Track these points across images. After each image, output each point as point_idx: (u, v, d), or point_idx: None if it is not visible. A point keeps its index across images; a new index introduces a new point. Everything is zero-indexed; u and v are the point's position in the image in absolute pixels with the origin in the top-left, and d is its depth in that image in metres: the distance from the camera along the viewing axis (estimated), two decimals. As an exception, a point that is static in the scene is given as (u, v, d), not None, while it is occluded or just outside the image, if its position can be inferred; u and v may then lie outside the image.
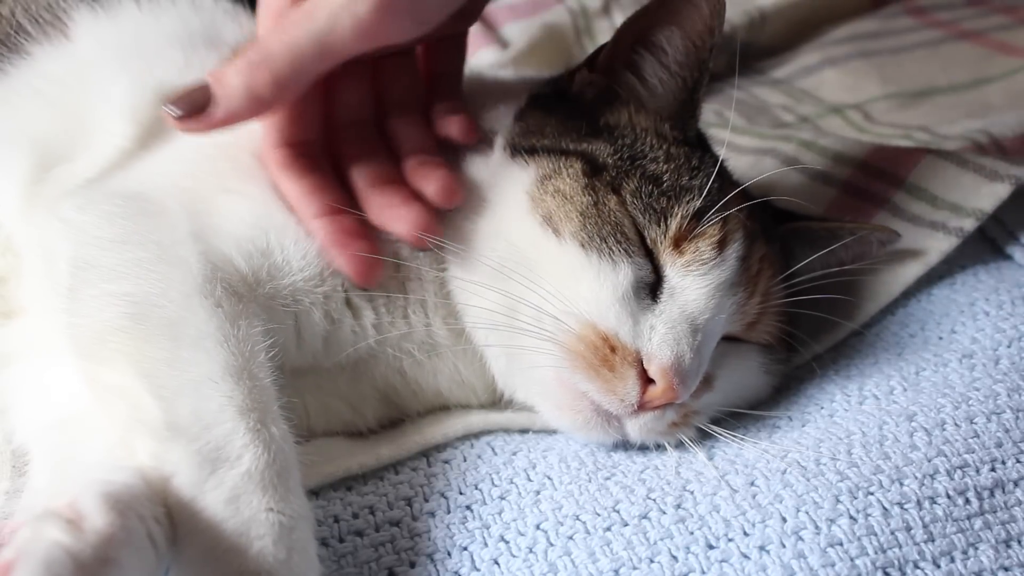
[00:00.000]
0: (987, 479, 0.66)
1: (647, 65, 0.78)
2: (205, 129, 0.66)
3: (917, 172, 0.93)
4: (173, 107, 0.65)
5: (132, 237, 0.69)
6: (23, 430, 0.73)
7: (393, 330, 0.76)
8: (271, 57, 0.65)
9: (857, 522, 0.62)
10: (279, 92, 0.66)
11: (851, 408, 0.74)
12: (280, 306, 0.71)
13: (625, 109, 0.79)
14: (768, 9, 1.51)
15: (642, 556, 0.62)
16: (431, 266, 0.76)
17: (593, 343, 0.69)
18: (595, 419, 0.71)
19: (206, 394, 0.60)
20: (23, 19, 0.83)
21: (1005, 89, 1.35)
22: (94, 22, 0.83)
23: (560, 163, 0.74)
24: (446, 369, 0.78)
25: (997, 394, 0.72)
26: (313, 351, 0.75)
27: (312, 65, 0.65)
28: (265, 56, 0.65)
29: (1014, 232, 0.91)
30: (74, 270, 0.67)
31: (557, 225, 0.72)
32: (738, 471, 0.68)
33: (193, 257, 0.67)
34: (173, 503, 0.57)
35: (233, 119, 0.66)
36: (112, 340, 0.63)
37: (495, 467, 0.72)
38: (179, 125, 0.66)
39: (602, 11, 1.56)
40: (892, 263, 0.88)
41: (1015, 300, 0.83)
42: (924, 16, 1.56)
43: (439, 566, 0.64)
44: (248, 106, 0.65)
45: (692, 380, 0.69)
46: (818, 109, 1.37)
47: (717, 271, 0.72)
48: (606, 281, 0.70)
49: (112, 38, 0.73)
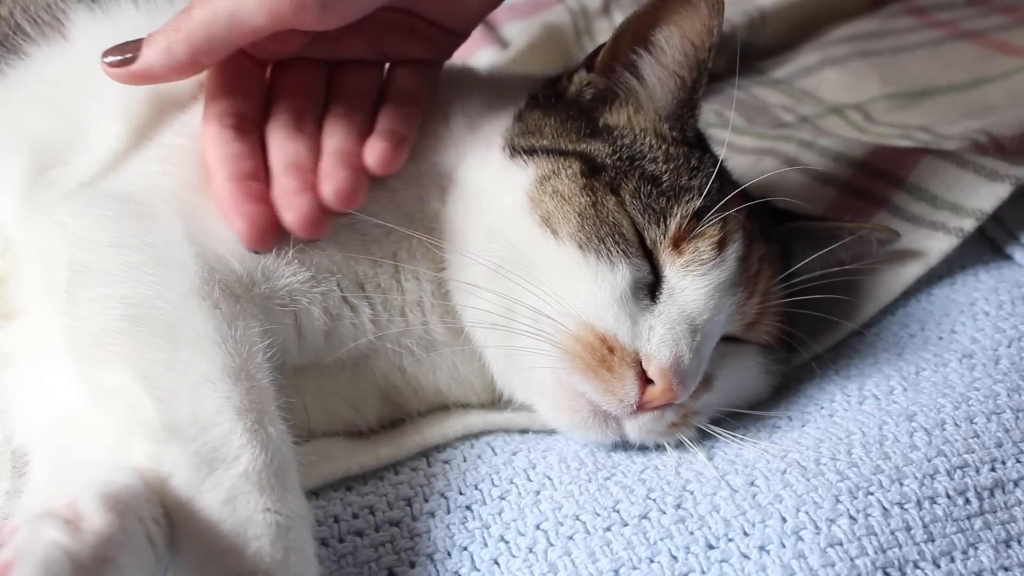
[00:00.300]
0: (987, 479, 0.66)
1: (646, 65, 0.78)
2: (128, 79, 0.72)
3: (917, 172, 0.93)
4: (109, 55, 0.72)
5: (127, 240, 0.69)
6: (23, 431, 0.73)
7: (391, 327, 0.76)
8: (189, 23, 0.70)
9: (857, 522, 0.62)
10: (192, 55, 0.71)
11: (851, 408, 0.74)
12: (278, 306, 0.71)
13: (624, 109, 0.79)
14: (768, 9, 1.51)
15: (642, 556, 0.62)
16: (428, 266, 0.76)
17: (591, 344, 0.69)
18: (593, 419, 0.71)
19: (203, 395, 0.60)
20: (22, 19, 0.83)
21: (1005, 89, 1.35)
22: (91, 22, 0.83)
23: (559, 164, 0.74)
24: (445, 366, 0.78)
25: (997, 394, 0.72)
26: (315, 347, 0.75)
27: (223, 35, 0.70)
28: (185, 20, 0.70)
29: (1014, 232, 0.91)
30: (71, 273, 0.67)
31: (555, 226, 0.71)
32: (738, 471, 0.68)
33: (189, 259, 0.67)
34: (171, 504, 0.57)
35: (149, 74, 0.72)
36: (109, 342, 0.63)
37: (495, 467, 0.72)
38: (107, 71, 0.72)
39: (602, 11, 1.56)
40: (892, 263, 0.88)
41: (1015, 300, 0.83)
42: (924, 16, 1.55)
43: (439, 566, 0.64)
44: (164, 63, 0.71)
45: (691, 380, 0.69)
46: (818, 109, 1.37)
47: (717, 271, 0.72)
48: (604, 282, 0.70)
49: (109, 38, 0.73)
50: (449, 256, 0.76)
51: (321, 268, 0.73)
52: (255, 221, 0.69)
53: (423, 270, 0.76)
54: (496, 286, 0.72)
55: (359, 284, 0.75)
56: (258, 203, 0.70)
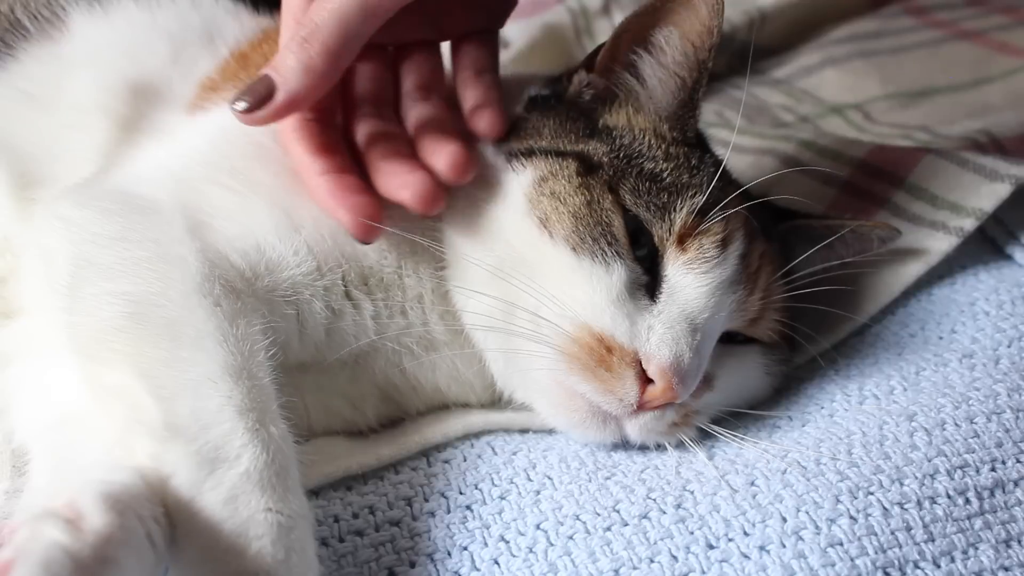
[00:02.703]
0: (987, 479, 0.66)
1: (646, 66, 0.77)
2: (272, 118, 0.67)
3: (917, 172, 0.93)
4: (238, 102, 0.67)
5: (130, 235, 0.69)
6: (23, 430, 0.73)
7: (392, 324, 0.76)
8: (319, 29, 0.66)
9: (857, 522, 0.62)
10: (334, 62, 0.67)
11: (851, 408, 0.74)
12: (281, 298, 0.71)
13: (624, 110, 0.79)
14: (768, 9, 1.51)
15: (642, 556, 0.62)
16: (429, 264, 0.76)
17: (588, 345, 0.69)
18: (592, 419, 0.71)
19: (205, 394, 0.60)
20: (22, 15, 0.83)
21: (1005, 89, 1.35)
22: (90, 19, 0.83)
23: (556, 165, 0.74)
24: (445, 366, 0.78)
25: (997, 394, 0.72)
26: (316, 342, 0.75)
27: (358, 27, 0.67)
28: (313, 29, 0.66)
29: (1014, 232, 0.91)
30: (74, 269, 0.67)
31: (552, 228, 0.71)
32: (738, 471, 0.68)
33: (191, 255, 0.67)
34: (172, 503, 0.57)
35: (297, 100, 0.67)
36: (111, 340, 0.63)
37: (495, 467, 0.72)
38: (246, 119, 0.67)
39: (602, 11, 1.56)
40: (892, 262, 0.88)
41: (1015, 300, 0.83)
42: (924, 16, 1.55)
43: (439, 566, 0.64)
44: (307, 83, 0.67)
45: (692, 380, 0.69)
46: (818, 109, 1.37)
47: (718, 270, 0.72)
48: (599, 284, 0.70)
49: (104, 35, 0.73)
50: (449, 256, 0.76)
51: (328, 259, 0.73)
52: (361, 213, 0.69)
53: (424, 266, 0.76)
54: (495, 288, 0.72)
55: (363, 279, 0.75)
56: (360, 195, 0.70)
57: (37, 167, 0.78)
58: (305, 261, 0.72)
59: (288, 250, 0.71)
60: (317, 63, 0.66)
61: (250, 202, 0.73)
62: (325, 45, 0.66)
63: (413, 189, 0.69)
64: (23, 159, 0.78)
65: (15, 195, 0.78)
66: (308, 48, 0.66)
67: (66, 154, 0.79)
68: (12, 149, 0.78)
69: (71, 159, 0.79)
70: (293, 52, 0.66)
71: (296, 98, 0.67)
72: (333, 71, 0.67)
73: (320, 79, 0.67)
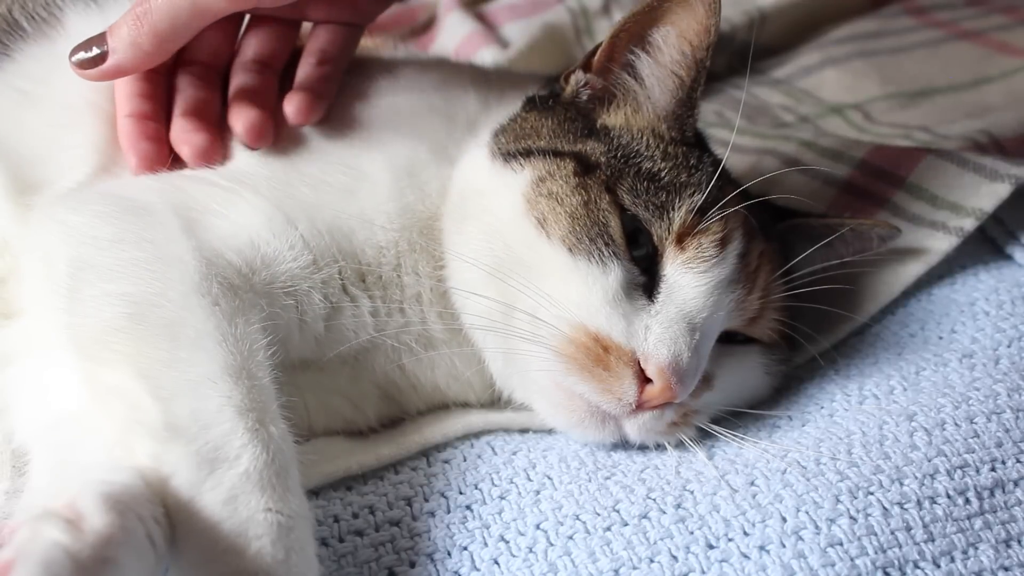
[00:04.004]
0: (987, 479, 0.66)
1: (643, 65, 0.77)
2: (100, 78, 0.74)
3: (917, 172, 0.93)
4: (76, 54, 0.74)
5: (127, 236, 0.69)
6: (23, 430, 0.73)
7: (390, 321, 0.76)
8: (151, 12, 0.72)
9: (857, 522, 0.62)
10: (159, 44, 0.73)
11: (851, 408, 0.74)
12: (280, 290, 0.71)
13: (622, 110, 0.79)
14: (768, 9, 1.51)
15: (642, 556, 0.62)
16: (427, 263, 0.76)
17: (585, 344, 0.69)
18: (590, 419, 0.71)
19: (204, 394, 0.60)
20: (19, 16, 0.83)
21: (1005, 89, 1.35)
22: (85, 17, 0.83)
23: (554, 165, 0.74)
24: (443, 364, 0.79)
25: (997, 394, 0.72)
26: (316, 335, 0.75)
27: (187, 21, 0.73)
28: (147, 9, 0.72)
29: (1014, 232, 0.91)
30: (73, 271, 0.67)
31: (549, 228, 0.71)
32: (738, 471, 0.68)
33: (188, 254, 0.67)
34: (172, 503, 0.57)
35: (124, 70, 0.74)
36: (111, 340, 0.63)
37: (495, 467, 0.72)
38: (79, 74, 0.74)
39: (602, 11, 1.56)
40: (892, 262, 0.88)
41: (1015, 300, 0.83)
42: (924, 16, 1.56)
43: (439, 566, 0.64)
44: (133, 57, 0.73)
45: (690, 379, 0.69)
46: (818, 109, 1.37)
47: (717, 269, 0.72)
48: (595, 284, 0.70)
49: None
50: (448, 257, 0.76)
51: (324, 255, 0.73)
52: (146, 158, 0.76)
53: (422, 266, 0.76)
54: (493, 289, 0.72)
55: (360, 276, 0.75)
56: (151, 142, 0.77)
57: (32, 169, 0.79)
58: (301, 255, 0.72)
59: (284, 244, 0.72)
60: (144, 43, 0.73)
61: (238, 197, 0.73)
62: (154, 28, 0.72)
63: (191, 146, 0.76)
64: (20, 161, 0.79)
65: (13, 197, 0.78)
66: (139, 27, 0.72)
67: (61, 154, 0.79)
68: (9, 151, 0.79)
69: (66, 159, 0.79)
70: (127, 24, 0.73)
71: (123, 68, 0.74)
72: (159, 52, 0.74)
73: (146, 57, 0.74)
